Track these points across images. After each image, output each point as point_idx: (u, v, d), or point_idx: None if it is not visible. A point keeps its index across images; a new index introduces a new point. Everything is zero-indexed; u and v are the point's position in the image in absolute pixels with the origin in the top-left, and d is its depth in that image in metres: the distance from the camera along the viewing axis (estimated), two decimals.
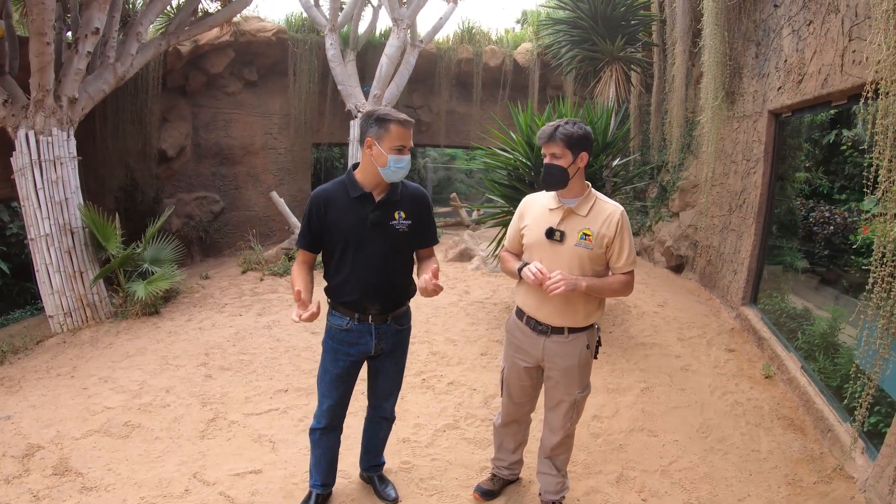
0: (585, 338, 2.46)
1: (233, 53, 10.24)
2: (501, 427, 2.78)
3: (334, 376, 2.51)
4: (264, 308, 6.03)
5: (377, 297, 2.43)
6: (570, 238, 2.36)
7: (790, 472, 3.17)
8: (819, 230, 5.91)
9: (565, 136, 2.32)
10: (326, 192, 2.41)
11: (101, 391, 4.09)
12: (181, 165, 10.77)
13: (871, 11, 3.12)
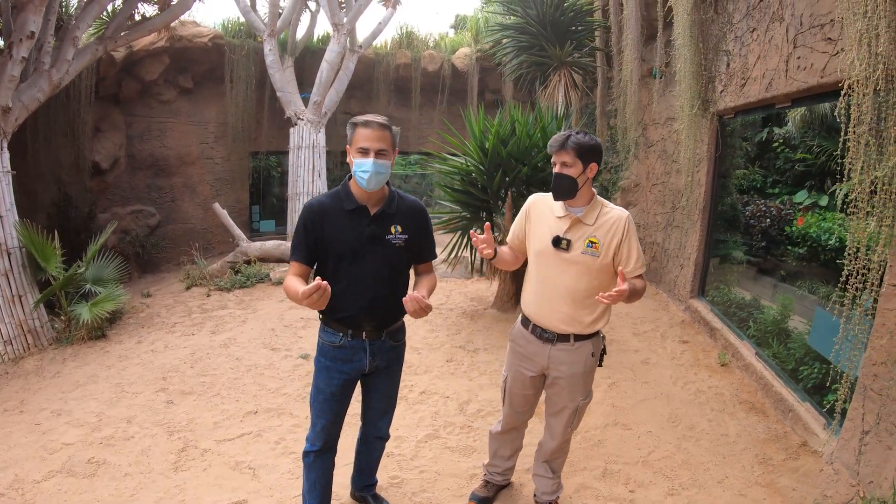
0: (591, 345, 2.46)
1: (168, 60, 9.78)
2: (500, 434, 2.76)
3: (328, 395, 2.37)
4: (217, 326, 5.77)
5: (372, 313, 2.32)
6: (577, 247, 2.35)
7: (759, 451, 3.35)
8: (756, 223, 6.29)
9: (577, 146, 2.29)
10: (321, 204, 2.30)
11: (56, 426, 3.77)
12: (115, 178, 10.20)
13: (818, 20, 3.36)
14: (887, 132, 2.09)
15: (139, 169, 10.50)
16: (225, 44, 10.19)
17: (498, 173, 5.19)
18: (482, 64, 11.56)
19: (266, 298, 6.69)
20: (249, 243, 7.96)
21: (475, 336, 5.24)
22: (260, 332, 5.43)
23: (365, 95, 11.95)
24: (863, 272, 2.29)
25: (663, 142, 6.98)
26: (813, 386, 3.74)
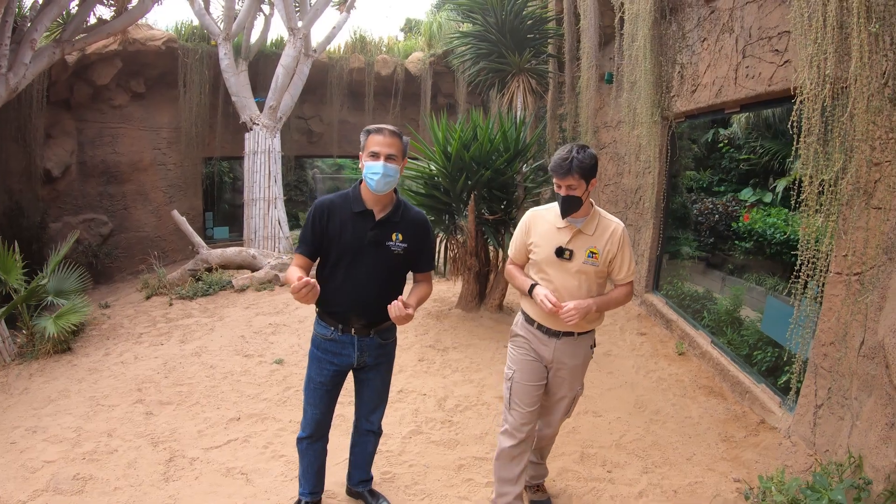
0: (590, 338, 2.61)
1: (120, 64, 9.47)
2: (509, 450, 2.61)
3: (318, 385, 2.50)
4: (185, 335, 5.65)
5: (363, 312, 2.43)
6: (578, 256, 2.45)
7: (722, 430, 3.61)
8: (705, 220, 6.65)
9: (581, 168, 2.33)
10: (331, 203, 2.42)
11: (34, 444, 3.63)
12: (67, 186, 9.81)
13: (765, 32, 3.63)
14: (833, 142, 2.33)
15: (91, 176, 10.12)
16: (178, 47, 9.94)
17: (462, 177, 5.32)
18: (435, 68, 11.68)
19: (231, 306, 6.59)
20: (210, 251, 7.80)
21: (443, 335, 5.34)
22: (230, 339, 5.36)
23: (318, 99, 11.89)
24: (812, 261, 2.53)
25: (615, 144, 7.27)
26: (767, 368, 4.04)
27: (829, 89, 2.22)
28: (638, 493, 2.96)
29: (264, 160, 9.25)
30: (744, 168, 6.71)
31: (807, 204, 2.44)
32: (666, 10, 3.80)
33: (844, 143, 2.28)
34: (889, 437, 2.44)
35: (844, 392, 2.87)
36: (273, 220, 9.34)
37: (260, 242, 9.26)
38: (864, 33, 2.05)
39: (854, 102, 2.16)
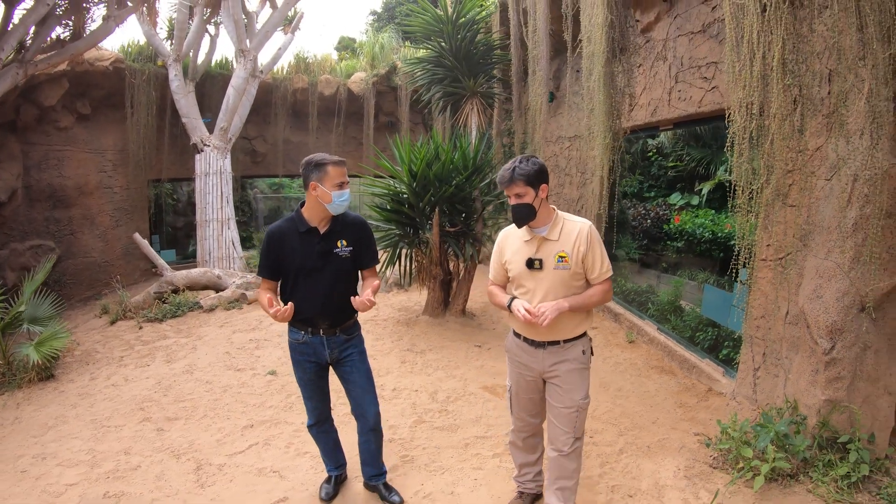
0: (580, 344, 2.54)
1: (67, 84, 9.15)
2: (520, 442, 2.80)
3: (306, 381, 2.86)
4: (168, 355, 5.68)
5: (326, 315, 2.73)
6: (549, 263, 2.45)
7: (677, 399, 4.19)
8: (638, 224, 7.37)
9: (524, 176, 2.38)
10: (280, 229, 2.73)
11: (48, 470, 3.61)
12: (12, 211, 9.32)
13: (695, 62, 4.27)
14: (757, 162, 2.94)
15: (37, 201, 9.67)
16: (126, 68, 9.72)
17: (426, 194, 5.71)
18: (378, 88, 11.99)
19: (204, 325, 6.62)
20: (174, 272, 7.73)
21: (417, 340, 5.68)
22: (216, 356, 5.46)
23: (262, 119, 11.92)
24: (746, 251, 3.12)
25: (556, 157, 7.90)
26: (709, 346, 4.68)
27: (756, 125, 2.80)
28: (618, 450, 3.45)
29: (216, 181, 9.22)
30: (671, 174, 7.47)
31: (740, 207, 3.02)
32: (616, 50, 4.38)
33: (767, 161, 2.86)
34: (815, 380, 3.05)
35: (776, 354, 3.49)
36: (227, 240, 9.32)
37: (214, 263, 9.20)
38: (781, 84, 2.65)
39: (773, 133, 2.76)
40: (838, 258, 2.91)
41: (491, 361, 5.08)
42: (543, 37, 5.91)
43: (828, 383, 3.02)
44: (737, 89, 2.82)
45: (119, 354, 5.84)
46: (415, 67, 8.43)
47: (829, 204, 3.01)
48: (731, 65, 2.88)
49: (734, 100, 2.88)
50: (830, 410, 3.03)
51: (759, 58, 2.65)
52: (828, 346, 2.97)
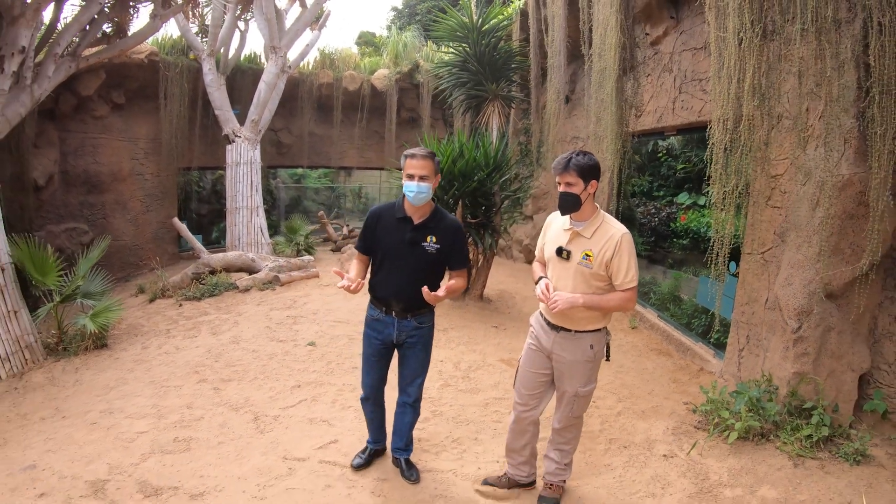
0: (590, 339, 2.72)
1: (104, 75, 9.81)
2: (513, 425, 3.03)
3: (368, 356, 3.17)
4: (213, 328, 6.36)
5: (401, 299, 2.99)
6: (575, 257, 2.63)
7: (671, 376, 4.82)
8: (647, 221, 7.93)
9: (578, 167, 2.53)
10: (379, 210, 3.06)
11: (117, 422, 4.24)
12: (50, 195, 10.03)
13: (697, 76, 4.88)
14: (731, 168, 3.56)
15: (72, 186, 10.38)
16: (160, 61, 10.39)
17: (452, 188, 6.36)
18: (401, 85, 12.63)
19: (241, 304, 7.31)
20: (210, 255, 8.42)
21: (440, 320, 6.28)
22: (258, 330, 6.14)
23: (288, 112, 12.53)
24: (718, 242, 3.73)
25: None
26: (702, 331, 5.30)
27: (730, 137, 3.42)
28: (617, 413, 4.10)
29: (246, 171, 9.91)
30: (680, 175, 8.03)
31: (716, 205, 3.64)
32: (626, 67, 5.00)
33: (737, 167, 3.49)
34: (786, 356, 3.67)
35: (758, 337, 4.11)
36: (255, 227, 10.02)
37: (244, 248, 9.88)
38: (750, 105, 3.27)
39: (742, 145, 3.38)
40: (807, 252, 3.53)
41: (507, 340, 5.73)
42: (561, 48, 6.54)
43: (796, 358, 3.63)
44: (716, 108, 3.44)
45: (165, 328, 6.53)
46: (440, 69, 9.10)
47: (802, 206, 3.62)
48: (713, 86, 3.50)
49: (714, 116, 3.50)
50: (798, 382, 3.65)
51: (735, 82, 3.26)
52: (796, 325, 3.59)
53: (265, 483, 3.32)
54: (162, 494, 3.26)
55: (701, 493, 3.18)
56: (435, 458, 3.53)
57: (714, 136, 3.52)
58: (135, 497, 3.26)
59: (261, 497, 3.18)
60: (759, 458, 3.45)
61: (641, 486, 3.27)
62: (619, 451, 3.63)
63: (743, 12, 3.20)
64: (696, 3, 4.76)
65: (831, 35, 2.98)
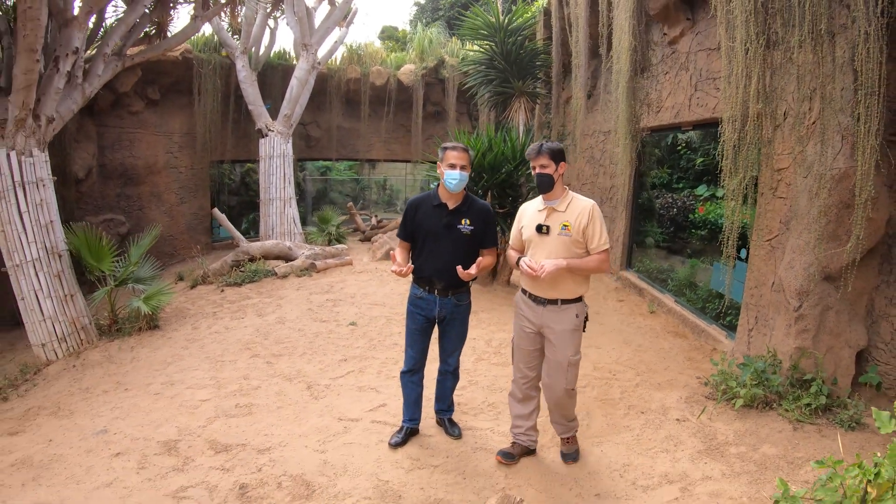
0: (575, 308, 3.13)
1: (140, 72, 10.49)
2: (518, 393, 3.43)
3: (413, 331, 3.57)
4: (258, 311, 6.99)
5: (442, 277, 3.38)
6: (554, 230, 3.06)
7: (686, 355, 5.33)
8: (666, 212, 8.40)
9: (550, 151, 3.06)
10: (418, 200, 3.49)
11: (179, 392, 4.82)
12: (88, 187, 10.75)
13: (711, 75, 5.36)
14: (739, 163, 4.05)
15: (110, 178, 11.10)
16: (194, 58, 11.06)
17: (482, 179, 6.91)
18: (426, 80, 13.22)
19: (281, 289, 7.94)
20: (250, 243, 9.08)
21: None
22: (300, 312, 6.75)
23: (316, 107, 13.18)
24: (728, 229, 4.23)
25: (591, 149, 9.00)
26: (715, 315, 5.79)
27: (738, 135, 3.92)
28: (635, 385, 4.63)
29: (279, 164, 10.56)
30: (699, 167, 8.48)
31: (727, 197, 4.14)
32: (638, 69, 5.51)
33: (745, 164, 3.99)
34: (788, 333, 4.17)
35: (765, 317, 4.60)
36: (288, 217, 10.68)
37: (277, 238, 10.55)
38: (755, 107, 3.76)
39: (749, 144, 3.88)
40: (806, 238, 4.02)
41: None
42: (584, 48, 7.04)
43: (797, 334, 4.13)
44: (726, 109, 3.95)
45: (211, 310, 7.18)
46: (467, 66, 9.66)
47: (804, 196, 4.10)
48: (723, 90, 4.00)
49: (724, 116, 4.00)
50: (800, 356, 4.14)
51: (742, 86, 3.77)
52: (797, 304, 4.08)
53: (324, 439, 3.90)
54: (232, 450, 3.83)
55: (709, 450, 3.70)
56: (473, 419, 4.09)
57: (724, 134, 4.03)
58: (206, 453, 3.82)
59: (322, 450, 3.76)
60: (763, 423, 3.96)
61: (656, 443, 3.80)
62: (637, 415, 4.16)
63: (749, 25, 3.69)
64: (710, 7, 5.24)
65: (825, 45, 3.47)
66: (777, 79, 3.80)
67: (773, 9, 3.72)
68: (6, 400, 5.57)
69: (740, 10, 3.77)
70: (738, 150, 3.97)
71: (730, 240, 4.22)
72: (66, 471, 3.75)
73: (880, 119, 3.36)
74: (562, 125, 8.96)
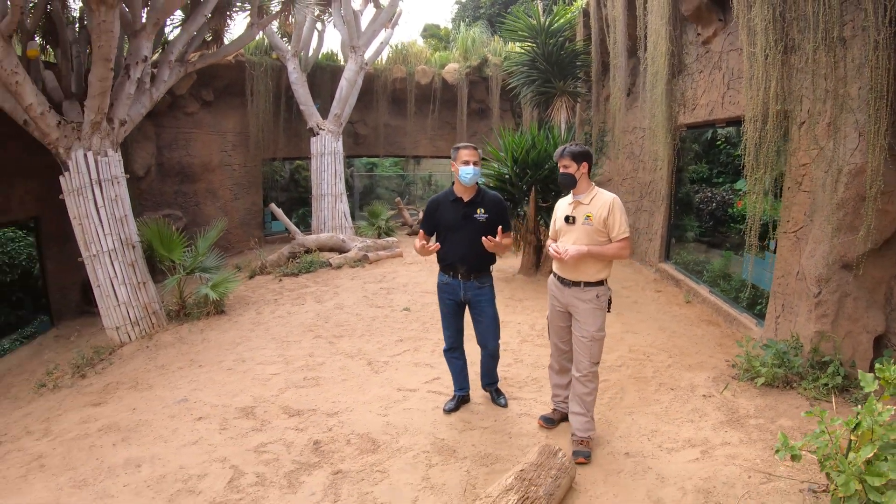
0: (596, 290, 3.59)
1: (195, 76, 11.42)
2: (556, 364, 4.01)
3: (445, 314, 4.16)
4: (317, 297, 7.75)
5: (465, 262, 3.94)
6: (579, 220, 3.56)
7: (718, 341, 5.82)
8: (705, 206, 8.81)
9: (570, 153, 3.56)
10: (437, 198, 4.07)
11: (251, 368, 5.57)
12: (147, 185, 11.77)
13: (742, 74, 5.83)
14: (760, 160, 4.54)
15: (167, 176, 12.12)
16: (246, 61, 11.96)
17: (526, 175, 7.51)
18: (470, 78, 13.88)
19: (338, 278, 8.71)
20: (305, 236, 9.91)
21: (515, 292, 7.54)
22: (357, 299, 7.49)
23: (364, 105, 13.97)
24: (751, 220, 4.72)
25: (631, 146, 9.47)
26: (747, 304, 6.25)
27: (760, 135, 4.42)
28: (667, 365, 5.16)
29: (330, 161, 11.37)
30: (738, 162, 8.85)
31: (749, 191, 4.63)
32: (675, 71, 6.00)
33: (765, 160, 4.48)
34: (809, 318, 4.64)
35: (791, 305, 5.06)
36: (339, 212, 11.49)
37: (328, 232, 11.37)
38: (774, 108, 4.26)
39: (769, 142, 4.38)
40: (825, 228, 4.48)
41: None
42: (622, 49, 7.55)
43: (817, 319, 4.60)
44: (748, 109, 4.45)
45: (272, 298, 7.98)
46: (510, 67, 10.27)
47: (825, 189, 4.56)
48: (746, 92, 4.50)
49: (746, 116, 4.50)
50: (819, 339, 4.60)
51: (763, 88, 4.27)
52: (816, 291, 4.56)
53: (386, 405, 4.58)
54: (303, 414, 4.53)
55: (730, 421, 4.22)
56: (518, 391, 4.72)
57: (747, 133, 4.53)
58: (281, 417, 4.52)
59: (384, 414, 4.44)
60: (782, 399, 4.45)
61: (683, 415, 4.34)
62: (667, 391, 4.71)
63: (768, 32, 4.19)
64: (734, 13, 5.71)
65: (838, 50, 3.95)
66: (794, 82, 4.29)
67: (790, 17, 4.21)
68: (84, 377, 6.42)
69: (760, 18, 4.27)
70: (759, 147, 4.46)
71: (752, 230, 4.70)
72: (152, 432, 4.47)
73: (889, 120, 3.82)
74: (602, 122, 9.45)
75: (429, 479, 3.52)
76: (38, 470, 4.15)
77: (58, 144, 6.92)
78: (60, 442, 4.58)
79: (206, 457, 3.98)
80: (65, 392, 6.10)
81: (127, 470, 3.90)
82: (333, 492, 3.44)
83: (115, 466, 3.97)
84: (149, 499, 3.51)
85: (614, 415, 4.30)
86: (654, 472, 3.53)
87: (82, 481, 3.83)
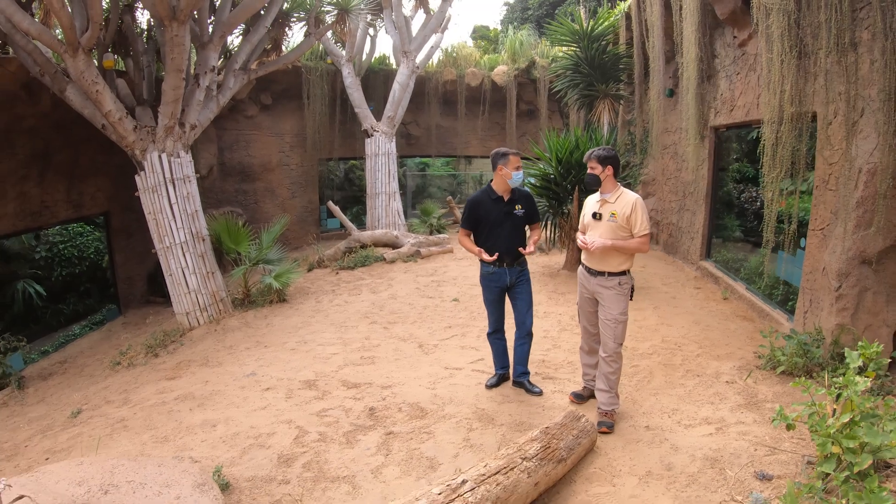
0: (618, 279, 4.07)
1: (255, 81, 12.42)
2: (586, 346, 4.53)
3: (490, 300, 4.73)
4: (373, 289, 8.53)
5: (510, 252, 4.51)
6: (605, 217, 4.06)
7: (749, 335, 6.24)
8: (749, 206, 9.12)
9: (597, 157, 4.09)
10: (478, 197, 4.58)
11: (312, 349, 6.33)
12: (210, 183, 12.87)
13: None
14: (776, 161, 4.99)
15: (229, 175, 13.20)
16: (302, 66, 12.91)
17: (570, 175, 8.07)
18: (519, 80, 14.51)
19: (391, 272, 9.47)
20: (361, 232, 10.75)
21: (558, 286, 8.11)
22: (409, 290, 8.22)
23: (416, 107, 14.76)
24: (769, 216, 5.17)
25: (674, 146, 9.84)
26: (779, 300, 6.63)
27: (777, 136, 4.89)
28: (696, 355, 5.65)
29: (384, 161, 12.19)
30: None
31: (766, 188, 5.09)
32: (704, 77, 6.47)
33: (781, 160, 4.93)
34: (831, 311, 5.05)
35: (818, 300, 5.46)
36: (393, 210, 12.30)
37: (383, 228, 12.18)
38: (789, 111, 4.71)
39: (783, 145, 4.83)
40: (847, 225, 4.89)
41: None
42: (660, 53, 8.02)
43: (837, 312, 5.00)
44: (766, 112, 4.91)
45: (330, 288, 8.81)
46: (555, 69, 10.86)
47: (847, 188, 4.97)
48: (763, 95, 4.96)
49: (764, 119, 4.96)
50: (840, 332, 5.00)
51: (779, 92, 4.74)
52: (836, 285, 4.97)
53: (434, 381, 5.26)
54: (360, 386, 5.25)
55: (748, 404, 4.70)
56: (555, 372, 5.32)
57: (764, 134, 4.99)
58: (340, 388, 5.26)
59: (432, 388, 5.11)
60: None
61: (704, 398, 4.84)
62: (693, 377, 5.21)
63: (784, 39, 4.66)
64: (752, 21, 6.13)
65: (849, 55, 4.40)
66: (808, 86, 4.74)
67: (805, 24, 4.67)
68: (157, 356, 7.32)
69: (776, 26, 4.74)
70: (776, 148, 4.92)
71: (768, 226, 5.16)
72: (225, 400, 5.24)
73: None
74: (646, 123, 9.90)
75: (469, 440, 4.18)
76: (122, 430, 4.97)
77: (134, 147, 7.84)
78: (140, 408, 5.41)
79: (274, 419, 4.73)
80: (139, 369, 7.03)
81: (204, 429, 4.68)
82: (386, 448, 4.14)
83: (192, 426, 4.75)
84: (224, 451, 4.26)
85: (640, 395, 4.84)
86: (669, 443, 4.07)
87: (163, 438, 4.63)
